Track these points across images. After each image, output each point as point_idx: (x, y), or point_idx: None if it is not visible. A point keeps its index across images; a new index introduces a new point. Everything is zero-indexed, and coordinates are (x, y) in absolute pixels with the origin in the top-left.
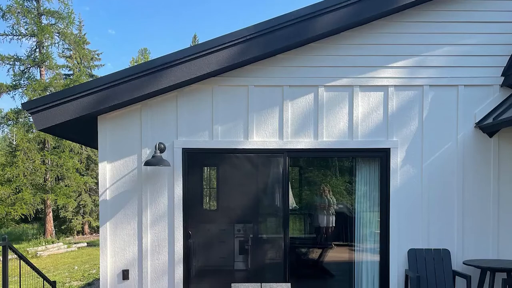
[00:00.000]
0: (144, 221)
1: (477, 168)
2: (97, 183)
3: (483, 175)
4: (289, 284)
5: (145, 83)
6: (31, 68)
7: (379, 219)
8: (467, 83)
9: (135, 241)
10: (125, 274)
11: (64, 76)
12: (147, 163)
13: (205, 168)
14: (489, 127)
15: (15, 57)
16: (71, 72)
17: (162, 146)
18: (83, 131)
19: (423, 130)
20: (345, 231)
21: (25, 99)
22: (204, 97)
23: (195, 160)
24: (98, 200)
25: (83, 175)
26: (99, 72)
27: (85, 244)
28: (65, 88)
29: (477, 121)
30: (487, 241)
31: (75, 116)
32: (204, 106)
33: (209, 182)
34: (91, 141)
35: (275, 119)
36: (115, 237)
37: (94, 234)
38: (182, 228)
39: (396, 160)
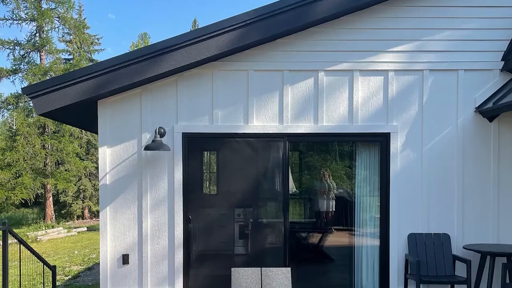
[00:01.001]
0: (144, 206)
1: (477, 153)
2: (97, 168)
3: (483, 160)
4: (289, 269)
5: (145, 67)
6: (31, 53)
7: (379, 204)
8: (467, 68)
9: (135, 226)
10: (125, 259)
11: (64, 61)
12: (147, 148)
13: (205, 152)
14: (489, 111)
15: (15, 41)
16: (71, 57)
17: (162, 130)
18: (83, 116)
19: (423, 115)
20: (345, 215)
21: (25, 84)
22: (204, 81)
23: (195, 145)
24: (98, 184)
25: (83, 159)
26: (99, 57)
27: (85, 228)
28: (65, 72)
29: (477, 105)
30: (487, 226)
31: (75, 101)
32: (204, 91)
33: (209, 167)
34: (91, 125)
35: (275, 104)
36: (115, 222)
37: (94, 219)
38: (182, 212)
39: (396, 145)
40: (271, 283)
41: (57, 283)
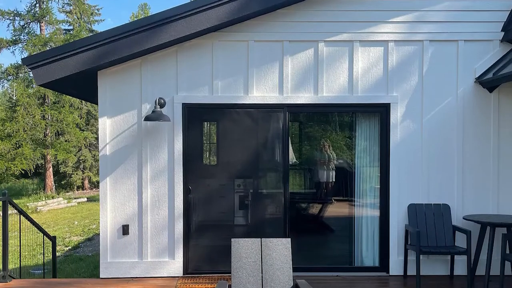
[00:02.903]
0: (144, 176)
1: (477, 123)
2: (97, 138)
3: (483, 130)
4: (289, 239)
5: (145, 38)
6: (31, 23)
7: (379, 174)
8: (467, 38)
9: (135, 196)
10: (125, 229)
11: (64, 31)
12: (147, 118)
13: (205, 123)
14: (489, 82)
15: (15, 12)
16: (71, 27)
17: (162, 101)
18: (83, 86)
19: (423, 85)
20: (345, 186)
21: (25, 54)
22: (204, 52)
23: (195, 115)
24: (98, 155)
25: (83, 130)
26: (99, 27)
27: (85, 199)
28: (65, 43)
29: (477, 76)
30: (487, 196)
31: (75, 71)
32: (204, 61)
33: (209, 137)
34: (91, 96)
35: (275, 74)
36: (115, 192)
37: (94, 189)
38: (182, 183)
39: (396, 115)
40: (271, 253)
41: (57, 254)
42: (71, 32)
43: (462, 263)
